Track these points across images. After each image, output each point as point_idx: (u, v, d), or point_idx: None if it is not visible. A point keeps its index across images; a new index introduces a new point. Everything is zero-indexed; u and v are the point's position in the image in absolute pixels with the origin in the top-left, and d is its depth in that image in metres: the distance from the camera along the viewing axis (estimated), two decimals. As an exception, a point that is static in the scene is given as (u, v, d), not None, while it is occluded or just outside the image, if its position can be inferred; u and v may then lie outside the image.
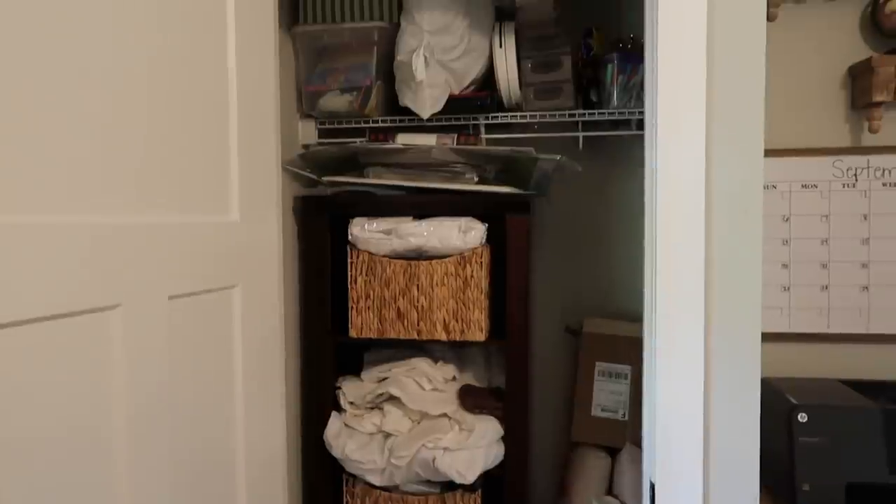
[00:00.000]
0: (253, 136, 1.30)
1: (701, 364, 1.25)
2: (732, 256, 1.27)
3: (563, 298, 2.02)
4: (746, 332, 1.26)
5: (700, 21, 1.27)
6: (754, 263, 1.26)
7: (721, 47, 1.28)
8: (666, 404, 1.26)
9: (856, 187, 1.79)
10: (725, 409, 1.26)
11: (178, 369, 1.07)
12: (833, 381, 1.67)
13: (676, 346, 1.25)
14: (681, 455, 1.25)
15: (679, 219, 1.27)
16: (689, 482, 1.25)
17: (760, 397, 1.27)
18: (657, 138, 1.28)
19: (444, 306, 1.68)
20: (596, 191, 1.99)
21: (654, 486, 1.26)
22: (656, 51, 1.29)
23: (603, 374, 1.83)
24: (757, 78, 1.29)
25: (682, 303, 1.25)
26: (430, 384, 1.76)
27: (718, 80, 1.28)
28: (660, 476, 1.25)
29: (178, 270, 1.06)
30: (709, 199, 1.27)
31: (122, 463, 0.95)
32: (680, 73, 1.27)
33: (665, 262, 1.27)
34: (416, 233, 1.65)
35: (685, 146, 1.27)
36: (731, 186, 1.27)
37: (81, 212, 0.88)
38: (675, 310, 1.25)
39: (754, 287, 1.27)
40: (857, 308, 1.79)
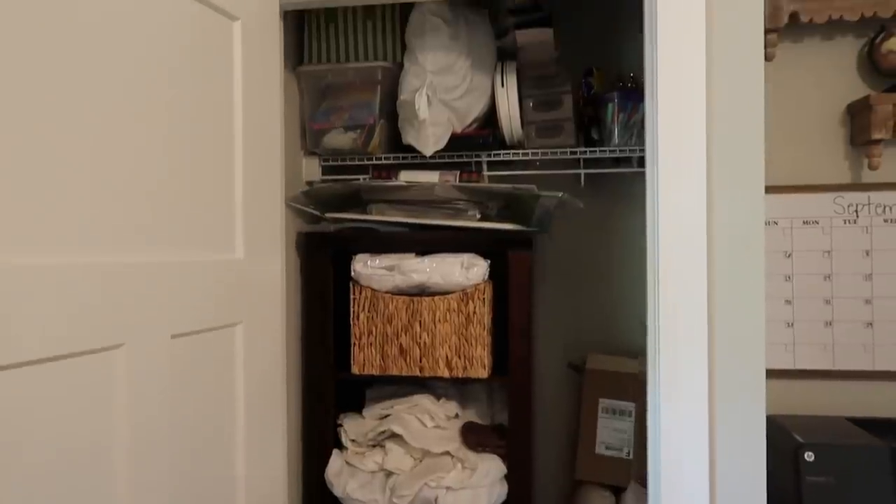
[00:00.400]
0: (258, 174, 1.32)
1: (705, 403, 1.24)
2: (735, 293, 1.27)
3: (565, 334, 2.02)
4: (751, 370, 1.25)
5: (699, 61, 1.29)
6: (757, 299, 1.26)
7: (720, 86, 1.30)
8: (670, 444, 1.25)
9: (857, 223, 1.80)
10: (731, 448, 1.25)
11: (180, 407, 1.06)
12: (839, 419, 1.65)
13: (680, 384, 1.25)
14: (687, 495, 1.23)
15: (681, 256, 1.27)
16: (696, 523, 1.23)
17: (766, 435, 1.26)
18: (658, 176, 1.30)
19: (447, 343, 1.67)
20: (598, 227, 2.00)
21: (660, 527, 1.24)
22: (656, 90, 1.31)
23: (607, 411, 1.82)
24: (756, 116, 1.31)
25: (686, 341, 1.25)
26: (433, 421, 1.74)
27: (718, 118, 1.30)
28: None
29: (181, 309, 1.06)
30: (710, 236, 1.28)
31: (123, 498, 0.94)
32: (680, 112, 1.29)
33: (667, 300, 1.27)
34: (418, 269, 1.66)
35: (686, 184, 1.28)
36: (733, 223, 1.28)
37: (85, 252, 0.89)
38: (679, 348, 1.25)
39: (758, 323, 1.26)
40: (861, 344, 1.78)
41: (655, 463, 1.29)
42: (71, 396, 0.86)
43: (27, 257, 0.81)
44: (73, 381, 0.86)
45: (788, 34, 1.80)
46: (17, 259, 0.79)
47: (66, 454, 0.85)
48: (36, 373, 0.81)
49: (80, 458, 0.88)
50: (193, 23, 1.13)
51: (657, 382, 1.27)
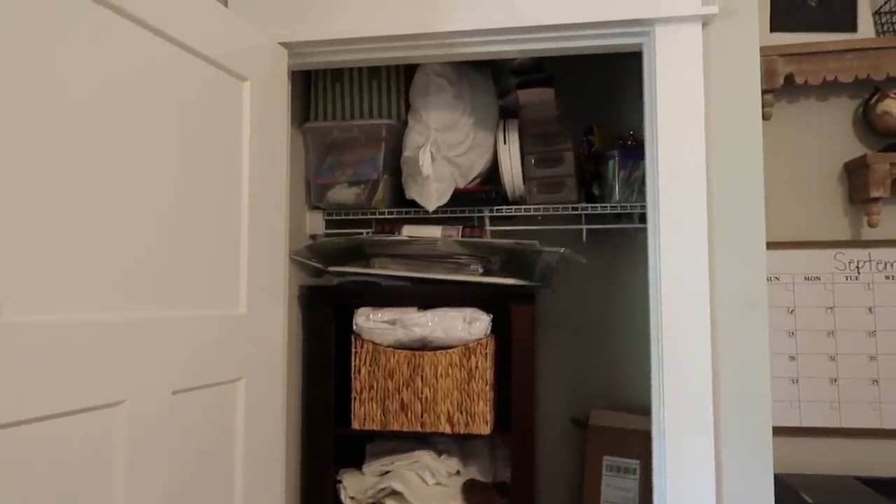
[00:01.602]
0: (263, 230, 1.33)
1: (712, 463, 1.22)
2: (739, 350, 1.27)
3: (568, 389, 2.00)
4: (758, 429, 1.24)
5: (698, 120, 1.32)
6: (762, 356, 1.26)
7: (719, 145, 1.33)
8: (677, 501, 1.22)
9: (859, 280, 1.81)
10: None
11: (180, 464, 1.05)
12: (848, 478, 1.62)
13: (686, 445, 1.23)
14: (693, 560, 1.20)
15: (683, 313, 1.27)
16: (704, 589, 1.20)
17: (774, 494, 1.24)
18: (660, 233, 1.31)
19: (449, 398, 1.66)
20: (600, 281, 2.00)
21: (667, 593, 1.21)
22: (657, 149, 1.33)
23: (611, 468, 1.79)
24: (755, 173, 1.33)
25: (691, 400, 1.24)
26: (434, 478, 1.71)
27: (718, 176, 1.32)
28: (672, 582, 1.20)
29: (183, 364, 1.06)
30: (713, 292, 1.28)
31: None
32: (680, 170, 1.31)
33: (671, 358, 1.27)
34: (420, 323, 1.66)
35: (687, 241, 1.29)
36: (735, 279, 1.29)
37: (86, 309, 0.90)
38: (684, 408, 1.24)
39: (763, 381, 1.26)
40: (868, 402, 1.76)
41: (661, 525, 1.26)
42: (71, 454, 0.85)
43: (27, 315, 0.81)
44: (74, 439, 0.85)
45: (784, 94, 1.85)
46: (17, 317, 0.79)
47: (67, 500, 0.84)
48: (35, 431, 0.80)
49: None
50: (205, 84, 1.16)
51: (663, 443, 1.26)
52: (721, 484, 1.24)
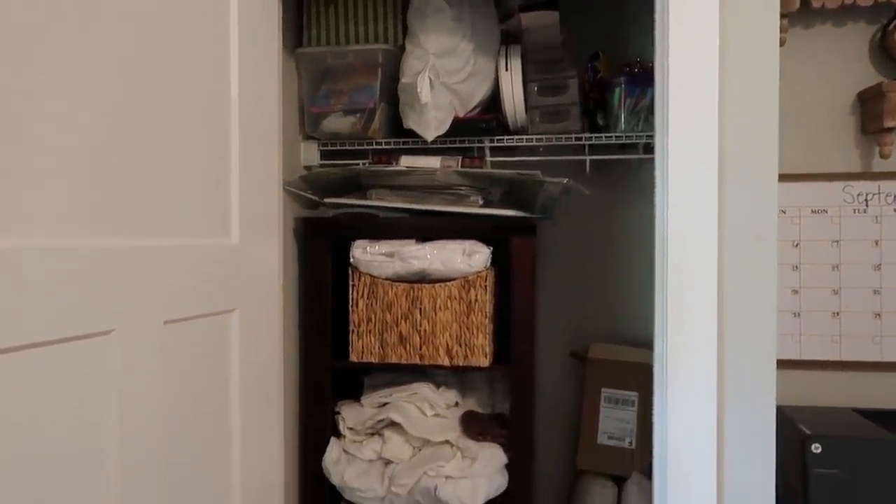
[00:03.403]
0: (254, 158, 1.28)
1: (714, 394, 1.21)
2: (746, 283, 1.24)
3: (568, 323, 1.99)
4: (761, 361, 1.22)
5: (712, 44, 1.25)
6: (768, 290, 1.23)
7: (734, 70, 1.26)
8: (677, 435, 1.22)
9: (867, 213, 1.77)
10: (739, 441, 1.22)
11: (174, 395, 1.03)
12: (847, 411, 1.63)
13: (688, 376, 1.22)
14: (693, 487, 1.21)
15: (691, 245, 1.24)
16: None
17: (774, 427, 1.23)
18: (668, 164, 1.26)
19: (448, 331, 1.64)
20: (602, 214, 1.96)
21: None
22: (667, 75, 1.27)
23: (609, 400, 1.79)
24: (771, 101, 1.27)
25: (695, 331, 1.22)
26: (432, 410, 1.72)
27: (731, 103, 1.26)
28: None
29: (174, 294, 1.03)
30: (721, 224, 1.25)
31: (115, 489, 0.91)
32: (692, 97, 1.25)
33: (676, 290, 1.24)
34: (419, 256, 1.63)
35: (697, 171, 1.25)
36: (745, 212, 1.25)
37: (73, 235, 0.86)
38: (687, 339, 1.22)
39: (768, 315, 1.23)
40: (869, 335, 1.75)
41: (661, 454, 1.26)
42: (60, 383, 0.83)
43: (12, 239, 0.77)
44: (63, 368, 0.83)
45: (799, 19, 1.76)
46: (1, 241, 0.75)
47: (55, 441, 0.82)
48: (23, 359, 0.77)
49: (70, 446, 0.84)
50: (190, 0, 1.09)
51: (664, 373, 1.25)
52: (722, 416, 1.23)
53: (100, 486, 0.89)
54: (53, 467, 0.82)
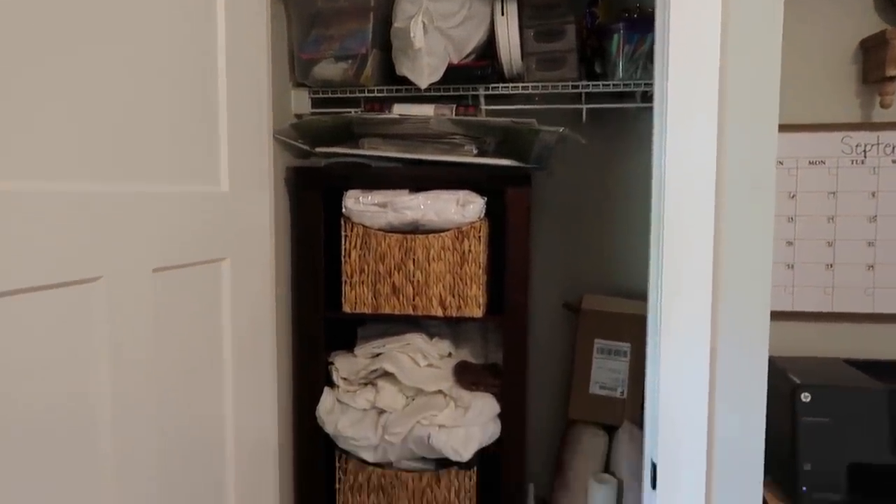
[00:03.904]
0: (243, 105, 1.25)
1: (706, 344, 1.21)
2: (743, 234, 1.23)
3: (561, 274, 1.98)
4: (755, 312, 1.22)
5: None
6: (765, 241, 1.22)
7: (736, 16, 1.23)
8: (669, 384, 1.22)
9: (864, 164, 1.75)
10: (731, 390, 1.23)
11: (165, 344, 1.03)
12: (837, 361, 1.64)
13: (682, 325, 1.22)
14: (684, 436, 1.22)
15: (688, 194, 1.22)
16: (692, 463, 1.22)
17: (765, 377, 1.24)
18: (667, 111, 1.23)
19: (441, 281, 1.64)
20: (598, 165, 1.94)
21: (656, 466, 1.23)
22: (668, 20, 1.23)
23: (602, 351, 1.80)
24: (773, 48, 1.24)
25: (689, 281, 1.21)
26: (426, 360, 1.72)
27: (732, 49, 1.23)
28: (662, 456, 1.22)
29: (163, 242, 1.01)
30: (720, 173, 1.23)
31: (106, 442, 0.91)
32: (693, 43, 1.22)
33: (672, 239, 1.23)
34: (412, 206, 1.61)
35: (697, 119, 1.22)
36: (744, 161, 1.23)
37: (59, 179, 0.83)
38: (682, 287, 1.21)
39: (765, 266, 1.23)
40: (862, 287, 1.75)
41: (653, 403, 1.27)
42: (48, 330, 0.81)
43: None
44: (50, 315, 0.81)
45: (803, -38, 1.71)
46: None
47: (44, 389, 0.81)
48: (10, 304, 0.76)
49: (60, 394, 0.84)
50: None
51: (658, 323, 1.24)
52: (715, 367, 1.24)
53: (91, 437, 0.89)
54: (43, 412, 0.81)
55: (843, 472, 1.41)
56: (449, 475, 1.67)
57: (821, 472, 1.41)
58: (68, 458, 0.85)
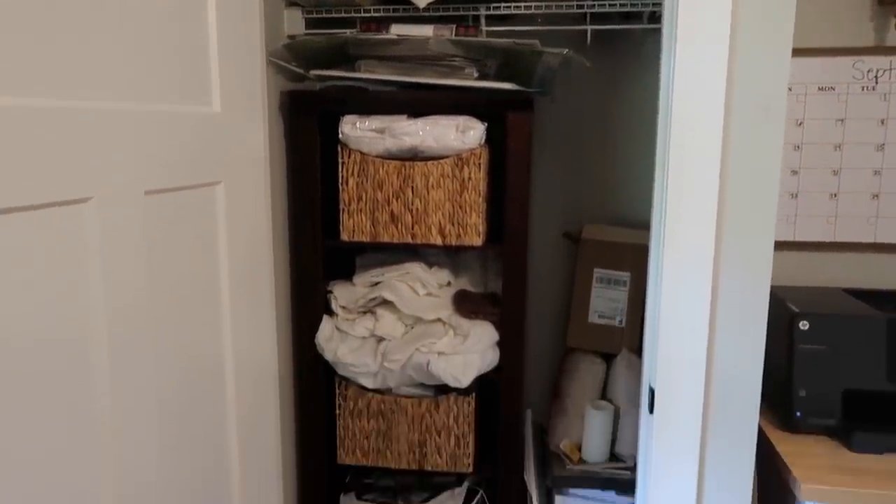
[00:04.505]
0: (233, 22, 1.19)
1: (709, 273, 1.20)
2: (750, 159, 1.20)
3: (562, 203, 1.96)
4: (759, 240, 1.20)
5: None
6: (773, 166, 1.19)
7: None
8: (670, 311, 1.22)
9: (875, 90, 1.70)
10: (731, 318, 1.22)
11: (160, 269, 1.01)
12: (836, 290, 1.64)
13: (685, 253, 1.20)
14: (683, 362, 1.22)
15: (696, 119, 1.18)
16: (690, 388, 1.23)
17: (765, 306, 1.24)
18: (677, 31, 1.18)
19: (440, 210, 1.61)
20: (602, 89, 1.88)
21: (654, 391, 1.24)
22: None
23: (601, 280, 1.80)
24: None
25: (694, 208, 1.19)
26: (425, 289, 1.72)
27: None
28: (660, 382, 1.23)
29: (154, 164, 0.98)
30: (729, 97, 1.19)
31: (103, 369, 0.90)
32: (705, -48, 1.15)
33: (678, 165, 1.20)
34: (410, 132, 1.56)
35: (707, 41, 1.17)
36: (754, 83, 1.18)
37: (46, 95, 0.79)
38: (686, 215, 1.19)
39: (770, 194, 1.20)
40: (865, 216, 1.73)
41: (653, 330, 1.27)
42: (38, 252, 0.79)
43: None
44: (40, 236, 0.79)
45: None
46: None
47: (36, 312, 0.80)
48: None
49: (52, 318, 0.82)
50: None
51: (661, 250, 1.23)
52: (716, 295, 1.23)
53: (86, 364, 0.88)
54: (35, 337, 0.80)
55: (838, 399, 1.42)
56: (448, 401, 1.69)
57: (815, 398, 1.43)
58: (62, 386, 0.84)
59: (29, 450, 0.78)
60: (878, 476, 1.28)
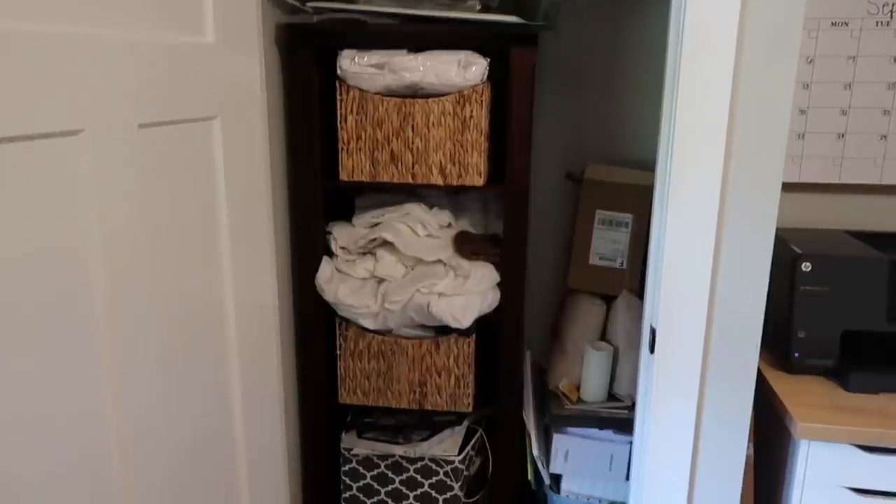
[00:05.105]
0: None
1: (715, 210, 1.18)
2: (762, 95, 1.16)
3: (565, 144, 1.93)
4: (766, 181, 1.18)
5: None
6: (783, 106, 1.16)
7: None
8: (674, 251, 1.21)
9: (889, 26, 1.65)
10: (735, 258, 1.21)
11: (156, 205, 0.99)
12: (838, 232, 1.63)
13: (691, 190, 1.18)
14: (685, 302, 1.22)
15: (707, 52, 1.14)
16: (692, 328, 1.23)
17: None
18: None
19: (441, 149, 1.58)
20: (609, 25, 1.82)
21: (655, 331, 1.24)
22: None
23: (603, 222, 1.78)
24: None
25: (702, 145, 1.16)
26: (425, 230, 1.70)
27: None
28: (662, 322, 1.23)
29: (148, 96, 0.94)
30: (742, 32, 1.14)
31: (100, 303, 0.89)
32: None
33: (687, 102, 1.16)
34: (411, 67, 1.52)
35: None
36: (769, 19, 1.14)
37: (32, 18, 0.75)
38: (693, 153, 1.17)
39: (780, 133, 1.17)
40: (872, 158, 1.71)
41: (655, 270, 1.26)
42: (26, 186, 0.76)
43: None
44: (27, 170, 0.76)
45: None
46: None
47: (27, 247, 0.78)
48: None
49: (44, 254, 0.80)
50: None
51: (666, 191, 1.21)
52: (721, 236, 1.22)
53: (84, 297, 0.86)
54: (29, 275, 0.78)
55: (837, 340, 1.43)
56: (448, 342, 1.70)
57: (814, 339, 1.43)
58: (60, 320, 0.83)
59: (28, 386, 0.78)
60: (872, 415, 1.30)
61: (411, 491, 1.79)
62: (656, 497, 1.32)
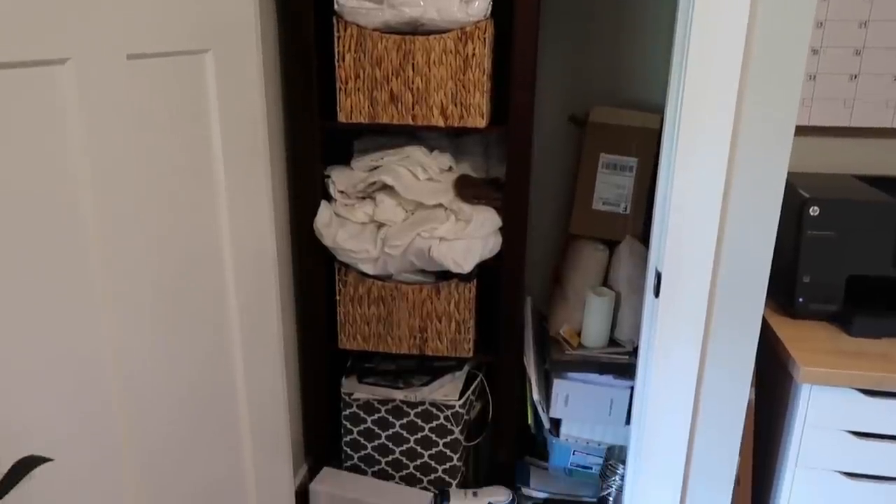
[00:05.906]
0: None
1: (725, 154, 1.15)
2: (776, 36, 1.11)
3: (568, 85, 1.87)
4: (780, 121, 1.15)
5: None
6: (800, 43, 1.11)
7: None
8: (682, 193, 1.18)
9: (910, -39, 1.58)
10: (744, 203, 1.19)
11: (147, 140, 0.95)
12: (846, 176, 1.60)
13: (701, 133, 1.14)
14: (692, 245, 1.20)
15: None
16: (698, 273, 1.21)
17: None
18: None
19: (442, 88, 1.53)
20: (614, -39, 1.75)
21: (661, 275, 1.22)
22: None
23: (607, 166, 1.74)
24: None
25: (714, 85, 1.12)
26: (426, 174, 1.66)
27: None
28: (668, 265, 1.21)
29: (137, 25, 0.90)
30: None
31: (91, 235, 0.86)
32: None
33: (699, 45, 1.11)
34: (410, 2, 1.45)
35: None
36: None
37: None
38: (705, 91, 1.13)
39: (795, 72, 1.13)
40: (884, 100, 1.66)
41: (662, 214, 1.23)
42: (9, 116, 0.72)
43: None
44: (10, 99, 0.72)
45: None
46: None
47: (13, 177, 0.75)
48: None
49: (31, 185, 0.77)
50: None
51: (676, 131, 1.17)
52: (731, 180, 1.19)
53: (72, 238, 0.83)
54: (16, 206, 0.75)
55: (841, 285, 1.42)
56: (449, 287, 1.68)
57: (819, 284, 1.42)
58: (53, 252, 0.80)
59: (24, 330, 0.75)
60: (874, 359, 1.30)
61: (412, 435, 1.80)
62: (657, 441, 1.33)
